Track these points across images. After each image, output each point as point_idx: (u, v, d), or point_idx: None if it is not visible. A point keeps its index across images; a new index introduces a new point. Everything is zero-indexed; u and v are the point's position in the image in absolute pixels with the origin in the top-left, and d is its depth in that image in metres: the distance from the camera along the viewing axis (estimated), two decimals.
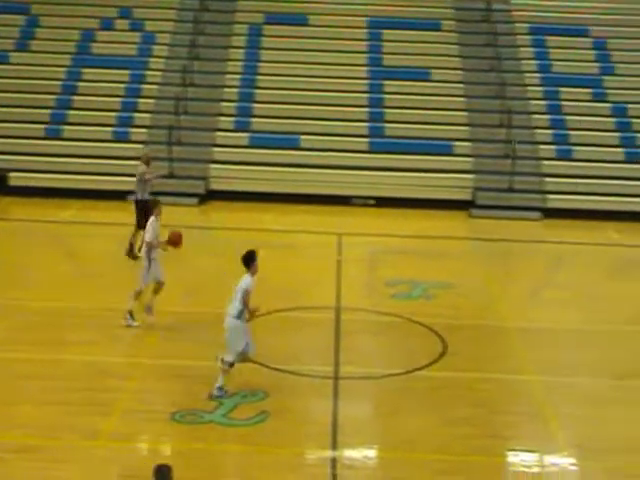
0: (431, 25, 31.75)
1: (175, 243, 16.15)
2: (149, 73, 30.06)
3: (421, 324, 17.07)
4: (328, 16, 32.03)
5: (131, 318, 16.25)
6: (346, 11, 32.19)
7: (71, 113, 28.49)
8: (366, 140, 28.17)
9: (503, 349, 16.49)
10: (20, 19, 31.62)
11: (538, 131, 28.59)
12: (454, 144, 28.11)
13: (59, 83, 29.41)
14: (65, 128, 28.07)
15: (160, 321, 16.43)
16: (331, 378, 14.54)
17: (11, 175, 26.77)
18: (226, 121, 28.77)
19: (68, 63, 30.16)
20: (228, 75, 30.24)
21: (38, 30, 31.37)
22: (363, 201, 26.92)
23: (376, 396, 14.40)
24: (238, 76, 30.15)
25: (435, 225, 25.23)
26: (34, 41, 30.98)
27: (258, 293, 13.52)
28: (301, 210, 25.84)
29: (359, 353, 15.99)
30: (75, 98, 28.92)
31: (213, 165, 27.44)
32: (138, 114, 28.60)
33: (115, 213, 24.74)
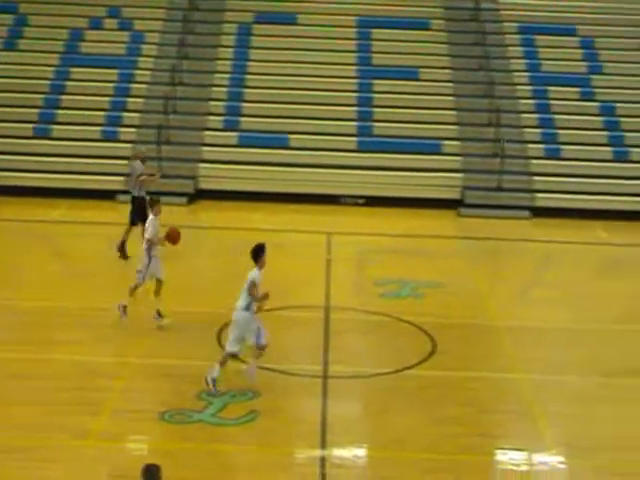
0: (420, 24, 31.78)
1: (173, 240, 16.25)
2: (138, 72, 30.02)
3: (410, 323, 17.09)
4: (317, 15, 32.06)
5: (124, 312, 16.24)
6: (335, 10, 32.22)
7: (60, 112, 28.43)
8: (355, 139, 28.18)
9: (492, 348, 16.51)
10: (8, 18, 31.55)
11: (527, 130, 28.65)
12: (443, 143, 28.15)
13: (47, 82, 29.35)
14: (54, 127, 28.01)
15: (149, 320, 16.41)
16: (320, 377, 14.54)
17: (0, 175, 26.73)
18: (215, 120, 28.76)
19: (56, 62, 30.10)
20: (217, 74, 30.22)
21: (26, 29, 31.31)
22: (352, 200, 26.95)
23: (365, 395, 14.41)
24: (227, 75, 30.15)
25: (424, 224, 25.26)
26: (22, 40, 30.92)
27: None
28: (290, 209, 25.84)
29: (348, 352, 15.99)
30: (64, 97, 28.87)
31: (202, 164, 27.42)
32: (127, 113, 28.56)
33: (104, 212, 24.73)
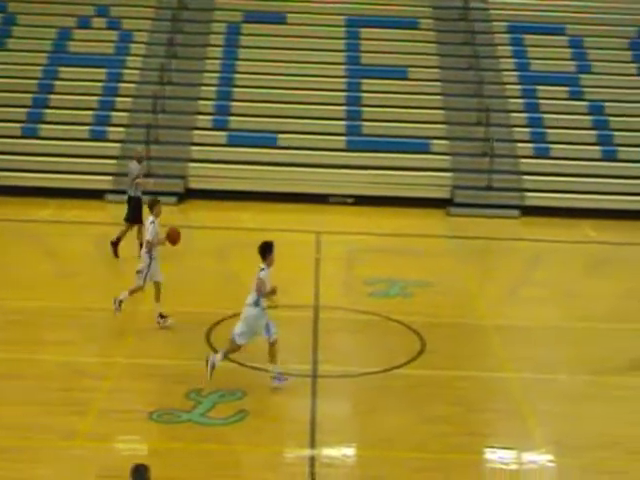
0: (409, 23, 31.80)
1: (174, 240, 16.19)
2: (126, 71, 29.95)
3: (399, 322, 17.09)
4: (306, 15, 32.06)
5: (118, 307, 16.19)
6: (324, 10, 32.21)
7: (48, 112, 28.36)
8: (344, 138, 28.17)
9: (481, 347, 16.53)
10: None
11: (516, 129, 28.68)
12: (432, 142, 28.17)
13: (36, 82, 29.26)
14: (42, 127, 27.94)
15: (137, 320, 16.38)
16: (309, 376, 14.53)
17: None
18: (204, 120, 28.71)
19: (45, 62, 30.02)
20: (206, 73, 30.18)
21: (15, 28, 31.21)
22: (341, 199, 26.95)
23: (354, 394, 14.40)
24: (216, 74, 30.10)
25: (413, 223, 25.27)
26: (11, 39, 30.81)
27: (239, 291, 13.49)
28: (279, 208, 25.82)
29: (337, 351, 15.98)
30: (52, 97, 28.80)
31: (191, 164, 27.39)
32: (115, 113, 28.49)
33: (93, 212, 24.68)
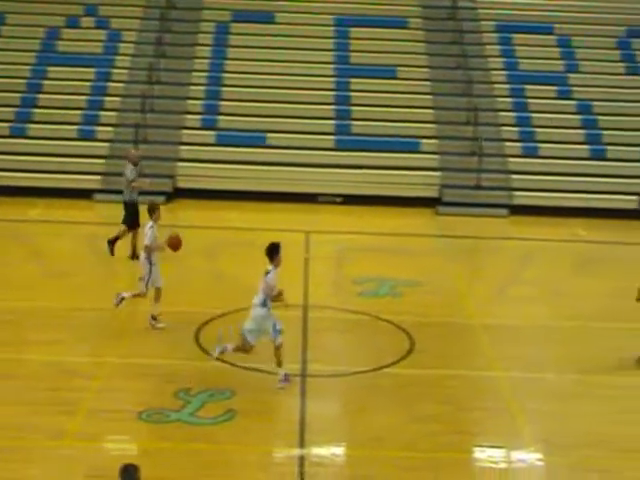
0: (398, 23, 31.81)
1: (175, 247, 16.09)
2: (115, 71, 29.87)
3: (388, 322, 17.11)
4: (295, 14, 32.03)
5: (119, 302, 16.11)
6: (313, 9, 32.20)
7: (36, 111, 28.27)
8: (333, 138, 28.17)
9: (470, 346, 16.56)
10: None
11: (504, 128, 28.71)
12: (421, 141, 28.18)
13: (24, 81, 29.16)
14: (30, 127, 27.85)
15: (126, 321, 16.36)
16: (298, 376, 14.54)
17: None
18: (193, 119, 28.68)
19: (33, 61, 29.92)
20: (195, 73, 30.14)
21: (3, 28, 31.09)
22: (330, 199, 26.95)
23: (343, 394, 14.41)
24: (205, 74, 30.07)
25: (402, 222, 25.27)
26: None
27: (228, 291, 13.47)
28: (268, 208, 25.79)
29: (326, 351, 16.00)
30: (40, 96, 28.71)
31: (180, 163, 27.35)
32: (104, 112, 28.42)
33: (82, 212, 24.63)
